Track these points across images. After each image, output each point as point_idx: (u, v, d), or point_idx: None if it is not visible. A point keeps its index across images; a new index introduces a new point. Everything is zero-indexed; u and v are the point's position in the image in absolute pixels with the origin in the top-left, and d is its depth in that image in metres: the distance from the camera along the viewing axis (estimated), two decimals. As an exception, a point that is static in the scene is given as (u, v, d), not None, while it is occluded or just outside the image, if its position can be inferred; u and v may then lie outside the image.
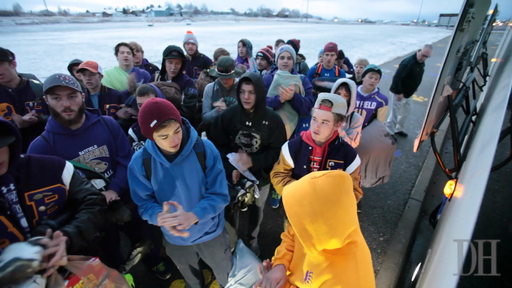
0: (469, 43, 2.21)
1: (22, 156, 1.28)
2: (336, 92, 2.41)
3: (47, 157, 1.36)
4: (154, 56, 13.63)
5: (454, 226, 1.16)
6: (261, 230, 2.78)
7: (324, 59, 3.47)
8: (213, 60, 3.58)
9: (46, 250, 1.09)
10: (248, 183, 1.92)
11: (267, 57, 3.29)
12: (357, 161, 1.72)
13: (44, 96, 1.65)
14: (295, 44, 4.02)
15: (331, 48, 3.40)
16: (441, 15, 69.81)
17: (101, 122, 1.90)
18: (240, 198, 1.84)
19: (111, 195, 1.75)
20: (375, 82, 2.86)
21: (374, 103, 2.89)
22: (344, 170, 1.70)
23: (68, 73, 3.31)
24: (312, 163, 1.75)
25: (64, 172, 1.35)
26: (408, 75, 4.75)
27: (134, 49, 3.35)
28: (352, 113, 2.42)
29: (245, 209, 2.02)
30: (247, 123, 1.99)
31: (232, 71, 2.44)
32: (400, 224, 3.12)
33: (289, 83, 2.48)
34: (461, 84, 2.45)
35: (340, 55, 4.25)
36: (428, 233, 3.05)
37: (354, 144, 2.33)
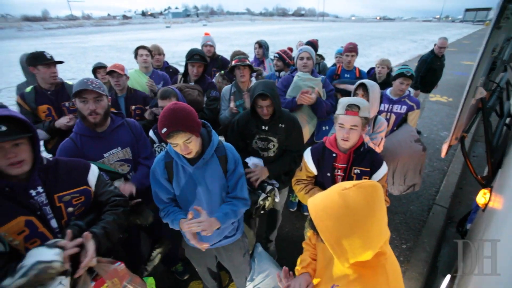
0: (504, 41, 2.06)
1: (50, 159, 1.33)
2: (354, 93, 2.34)
3: (73, 160, 1.41)
4: (172, 57, 13.90)
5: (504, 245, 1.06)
6: (279, 233, 2.75)
7: (344, 60, 3.38)
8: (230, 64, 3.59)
9: (66, 251, 1.12)
10: (269, 187, 1.90)
11: (283, 59, 3.25)
12: (384, 168, 1.65)
13: (73, 100, 1.72)
14: (314, 44, 3.95)
15: (351, 48, 3.31)
16: (467, 9, 66.18)
17: (125, 125, 1.95)
18: (261, 203, 1.82)
19: (129, 189, 1.77)
20: (405, 88, 2.72)
21: (405, 107, 2.75)
22: (370, 177, 1.64)
23: (93, 77, 3.44)
24: (336, 170, 1.69)
25: (89, 174, 1.39)
26: (428, 70, 4.67)
27: (156, 51, 3.42)
28: (376, 116, 2.33)
29: (263, 212, 2.01)
30: (263, 127, 1.97)
31: (248, 62, 2.43)
32: (424, 231, 2.98)
33: (308, 86, 2.43)
34: (495, 85, 2.29)
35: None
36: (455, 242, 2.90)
37: (378, 150, 2.24)
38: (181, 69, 4.03)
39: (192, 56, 2.61)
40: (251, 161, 1.94)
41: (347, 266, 0.89)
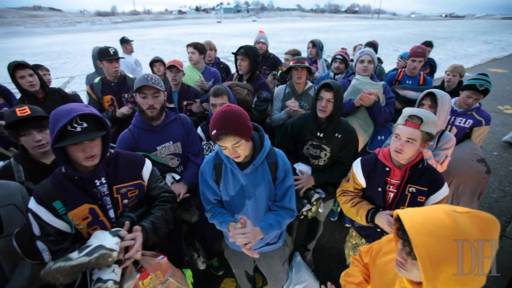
0: None
1: (112, 151, 1.41)
2: (420, 103, 2.09)
3: (131, 154, 1.48)
4: (221, 52, 14.24)
5: None
6: (317, 242, 2.63)
7: (409, 65, 3.04)
8: (283, 61, 3.48)
9: (123, 242, 1.17)
10: (316, 196, 1.80)
11: (346, 61, 3.05)
12: (444, 190, 1.46)
13: (134, 94, 1.82)
14: (375, 46, 3.65)
15: (419, 53, 2.96)
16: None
17: (178, 120, 2.01)
18: (304, 213, 1.74)
19: (180, 189, 1.84)
20: (472, 103, 2.37)
21: (470, 121, 2.40)
22: (426, 198, 1.47)
23: (150, 69, 3.66)
24: (388, 186, 1.54)
25: (144, 169, 1.45)
26: None
27: (208, 47, 3.49)
28: (443, 131, 2.06)
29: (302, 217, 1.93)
30: (318, 133, 1.86)
31: (306, 63, 2.33)
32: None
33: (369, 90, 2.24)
34: None
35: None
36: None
37: (440, 169, 1.98)
38: (230, 64, 4.10)
39: (239, 49, 2.59)
40: (299, 167, 1.87)
41: None
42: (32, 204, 1.20)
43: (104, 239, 1.13)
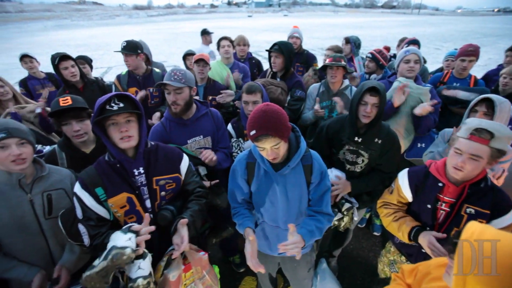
0: None
1: (152, 143, 1.43)
2: (472, 109, 1.87)
3: (170, 147, 1.50)
4: (251, 47, 14.24)
5: None
6: (342, 249, 2.53)
7: (458, 65, 2.73)
8: (323, 58, 3.33)
9: (139, 237, 1.18)
10: (347, 205, 1.70)
11: (376, 59, 2.85)
12: None
13: (161, 87, 1.84)
14: (419, 44, 3.37)
15: (471, 52, 2.65)
16: None
17: (209, 115, 2.00)
18: (335, 223, 1.64)
19: (213, 155, 1.84)
20: None
21: None
22: (488, 222, 1.29)
23: (183, 62, 3.71)
24: (439, 203, 1.38)
25: (182, 163, 1.46)
26: None
27: (241, 42, 3.46)
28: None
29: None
30: (356, 138, 1.74)
31: (343, 62, 2.20)
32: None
33: (415, 95, 2.06)
34: None
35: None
36: None
37: (496, 183, 1.77)
38: (260, 59, 4.02)
39: (273, 45, 2.51)
40: (333, 173, 1.76)
41: None
42: (77, 188, 1.27)
43: (116, 239, 1.15)
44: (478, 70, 4.23)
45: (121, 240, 1.14)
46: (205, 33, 4.77)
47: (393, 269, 1.67)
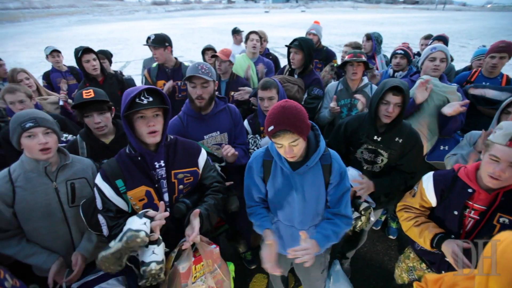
0: None
1: (172, 137, 1.44)
2: (504, 110, 1.75)
3: (189, 141, 1.51)
4: (268, 43, 14.13)
5: None
6: (356, 251, 2.47)
7: (487, 63, 2.54)
8: (341, 54, 3.24)
9: (154, 222, 1.19)
10: (364, 205, 1.65)
11: (408, 55, 2.73)
12: None
13: (186, 82, 1.83)
14: (446, 41, 3.19)
15: (502, 48, 2.46)
16: None
17: (226, 110, 1.99)
18: (353, 223, 1.60)
19: (234, 150, 1.79)
20: None
21: None
22: None
23: (201, 57, 3.73)
24: (468, 210, 1.31)
25: (200, 157, 1.46)
26: None
27: (263, 38, 3.43)
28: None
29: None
30: (375, 137, 1.68)
31: (364, 58, 2.13)
32: None
33: (442, 94, 1.96)
34: None
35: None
36: None
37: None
38: (278, 55, 3.96)
39: (293, 41, 2.46)
40: (350, 172, 1.71)
41: None
42: (98, 179, 1.30)
43: (132, 223, 1.18)
44: (510, 70, 3.96)
45: (136, 223, 1.16)
46: (235, 32, 4.55)
47: (411, 275, 1.60)
